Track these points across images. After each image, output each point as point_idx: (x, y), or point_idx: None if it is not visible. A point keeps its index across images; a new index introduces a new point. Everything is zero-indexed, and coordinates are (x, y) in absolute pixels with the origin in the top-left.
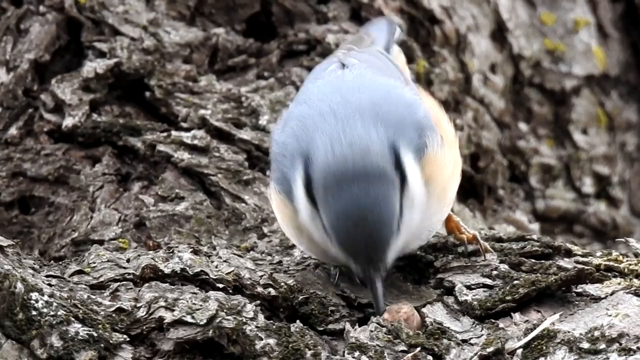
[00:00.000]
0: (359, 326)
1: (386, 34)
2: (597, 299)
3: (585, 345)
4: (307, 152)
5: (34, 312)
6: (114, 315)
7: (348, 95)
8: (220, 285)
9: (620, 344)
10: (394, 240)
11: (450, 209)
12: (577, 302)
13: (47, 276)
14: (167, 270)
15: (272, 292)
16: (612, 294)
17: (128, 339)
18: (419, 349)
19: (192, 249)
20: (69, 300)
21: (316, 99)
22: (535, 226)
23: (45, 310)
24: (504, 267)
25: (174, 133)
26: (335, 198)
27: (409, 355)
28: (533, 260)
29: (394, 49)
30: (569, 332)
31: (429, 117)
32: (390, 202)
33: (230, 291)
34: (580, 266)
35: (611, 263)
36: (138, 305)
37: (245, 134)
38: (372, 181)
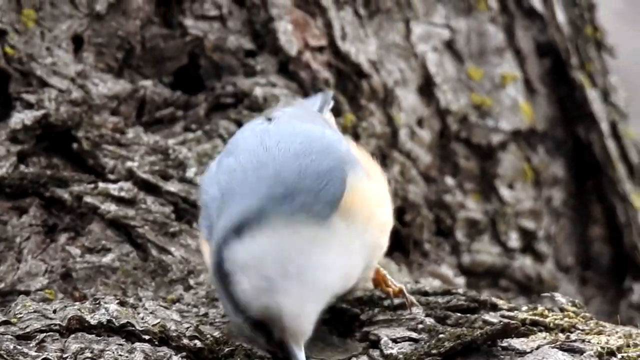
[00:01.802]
0: None
1: (320, 100)
2: (522, 353)
3: None
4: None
5: None
6: None
7: (272, 148)
8: (147, 337)
9: None
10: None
11: (387, 240)
12: (502, 356)
13: None
14: (93, 322)
15: (198, 344)
16: (537, 348)
17: None
18: None
19: (118, 301)
20: None
21: (242, 153)
22: (460, 280)
23: None
24: (429, 320)
25: (101, 185)
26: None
27: None
28: (459, 314)
29: (325, 112)
30: None
31: (351, 153)
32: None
33: (157, 343)
34: (505, 320)
35: (537, 317)
36: (64, 356)
37: (172, 186)
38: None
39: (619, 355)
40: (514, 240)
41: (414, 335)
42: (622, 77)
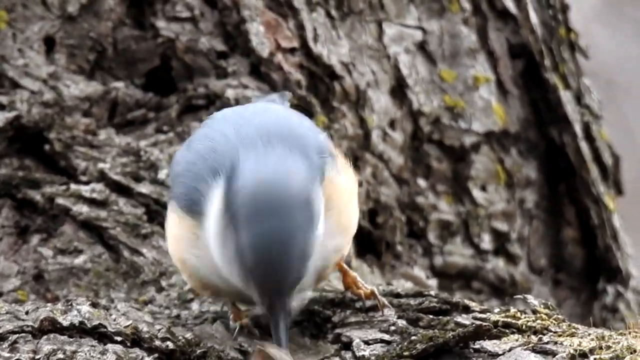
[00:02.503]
0: None
1: (277, 100)
2: (494, 355)
3: None
4: (226, 170)
5: None
6: None
7: (252, 119)
8: (119, 338)
9: None
10: (304, 273)
11: (349, 244)
12: (474, 358)
13: None
14: (65, 323)
15: (170, 345)
16: (509, 350)
17: None
18: None
19: (90, 302)
20: None
21: (221, 123)
22: (433, 282)
23: None
24: (401, 322)
25: (72, 186)
26: (258, 221)
27: None
28: (431, 316)
29: None
30: None
31: (328, 143)
32: (307, 234)
33: (129, 344)
34: (478, 322)
35: (509, 319)
36: (37, 357)
37: (144, 188)
38: (294, 210)
39: (592, 358)
40: (486, 242)
41: (386, 337)
42: (597, 78)
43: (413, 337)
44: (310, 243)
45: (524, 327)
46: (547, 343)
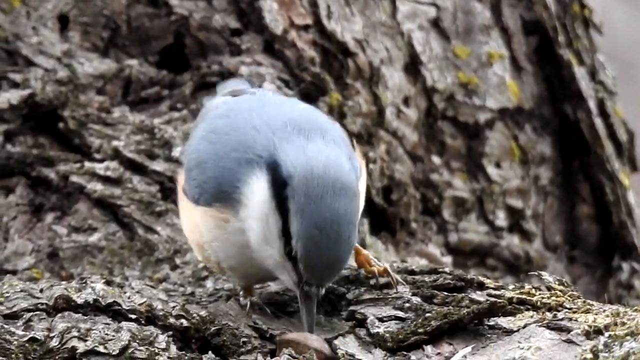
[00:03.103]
0: (271, 358)
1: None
2: (509, 332)
3: None
4: (265, 160)
5: None
6: (27, 345)
7: (274, 109)
8: (133, 316)
9: None
10: (348, 261)
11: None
12: (489, 335)
13: None
14: (80, 301)
15: (185, 323)
16: (524, 327)
17: None
18: None
19: (104, 280)
20: None
21: (244, 113)
22: (447, 259)
23: None
24: (416, 299)
25: (87, 164)
26: (314, 208)
27: None
28: (445, 293)
29: None
30: None
31: (344, 133)
32: (356, 222)
33: (143, 322)
34: (492, 299)
35: (524, 296)
36: (51, 335)
37: (158, 166)
38: (348, 198)
39: (606, 334)
40: (501, 219)
41: (401, 314)
42: (612, 55)
43: (427, 314)
44: (356, 231)
45: (538, 303)
46: (561, 319)
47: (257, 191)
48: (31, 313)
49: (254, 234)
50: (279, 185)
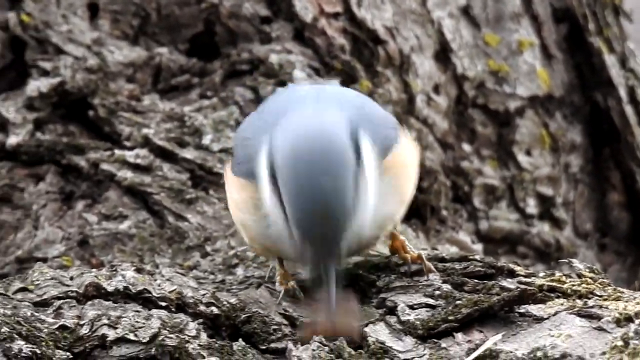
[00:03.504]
0: (301, 345)
1: None
2: (539, 320)
3: None
4: (274, 129)
5: None
6: (57, 332)
7: (327, 92)
8: (163, 304)
9: None
10: (350, 227)
11: (404, 212)
12: (519, 323)
13: None
14: (110, 288)
15: (215, 310)
16: (554, 314)
17: (71, 357)
18: None
19: (135, 267)
20: (13, 318)
21: (293, 94)
22: (478, 247)
23: None
24: (446, 287)
25: (117, 152)
26: (298, 176)
27: None
28: (476, 281)
29: None
30: (511, 352)
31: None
32: (349, 189)
33: (173, 309)
34: (523, 287)
35: (554, 284)
36: (81, 322)
37: (188, 153)
38: (335, 166)
39: (637, 321)
40: (531, 206)
41: (431, 301)
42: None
43: (458, 302)
44: (351, 198)
45: (569, 291)
46: (592, 307)
47: (262, 163)
48: (61, 301)
49: (268, 209)
50: (271, 163)
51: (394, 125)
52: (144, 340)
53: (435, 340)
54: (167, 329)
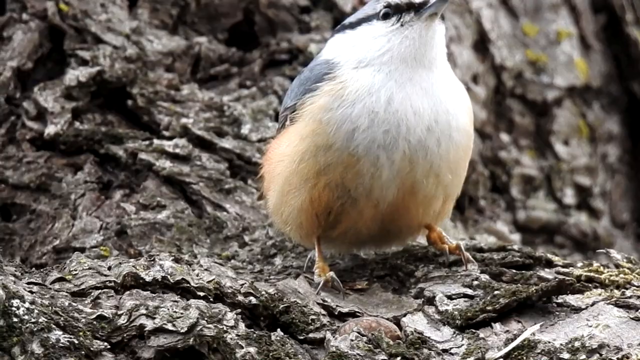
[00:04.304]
0: (340, 335)
1: None
2: (577, 310)
3: (566, 355)
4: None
5: (15, 319)
6: (94, 322)
7: None
8: (201, 294)
9: (601, 355)
10: None
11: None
12: (557, 313)
13: (28, 283)
14: (148, 278)
15: (253, 300)
16: (592, 304)
17: (109, 347)
18: None
19: (173, 257)
20: (50, 308)
21: None
22: (516, 237)
23: (26, 317)
24: (484, 277)
25: (155, 141)
26: None
27: None
28: (514, 271)
29: None
30: (549, 342)
31: None
32: None
33: (211, 299)
34: (560, 277)
35: (592, 274)
36: (119, 312)
37: (227, 143)
38: None
39: None
40: (569, 196)
41: (469, 291)
42: None
43: (496, 292)
44: None
45: (606, 281)
46: (630, 297)
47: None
48: (99, 291)
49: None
50: None
51: None
52: (182, 331)
53: (474, 331)
54: (205, 319)
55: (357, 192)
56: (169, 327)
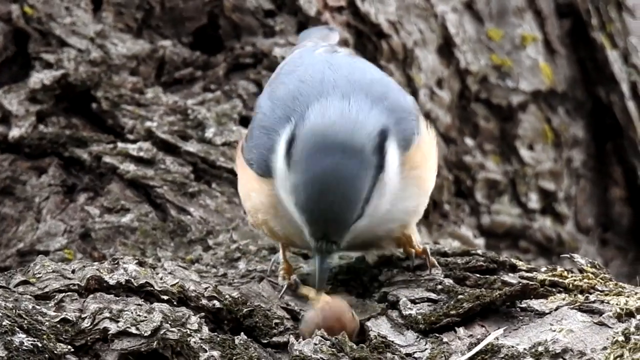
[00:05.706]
0: (303, 339)
1: (330, 32)
2: (541, 314)
3: None
4: (300, 114)
5: None
6: (58, 325)
7: (344, 71)
8: (165, 297)
9: (564, 359)
10: (354, 220)
11: (427, 201)
12: (521, 317)
13: None
14: (112, 282)
15: (217, 304)
16: (556, 309)
17: (72, 350)
18: None
19: (137, 261)
20: (14, 311)
21: (310, 70)
22: (480, 241)
23: None
24: (448, 281)
25: (120, 145)
26: (309, 161)
27: None
28: (478, 275)
29: None
30: (513, 347)
31: (415, 105)
32: (360, 182)
33: (175, 303)
34: (524, 281)
35: (556, 279)
36: (83, 316)
37: (191, 147)
38: (350, 156)
39: (638, 317)
40: (534, 201)
41: (433, 296)
42: None
43: (460, 296)
44: (360, 192)
45: (570, 286)
46: (593, 302)
47: (281, 143)
48: (63, 294)
49: (279, 191)
50: (290, 144)
51: (415, 114)
52: (146, 334)
53: (437, 335)
54: (169, 322)
55: None
56: (133, 330)
